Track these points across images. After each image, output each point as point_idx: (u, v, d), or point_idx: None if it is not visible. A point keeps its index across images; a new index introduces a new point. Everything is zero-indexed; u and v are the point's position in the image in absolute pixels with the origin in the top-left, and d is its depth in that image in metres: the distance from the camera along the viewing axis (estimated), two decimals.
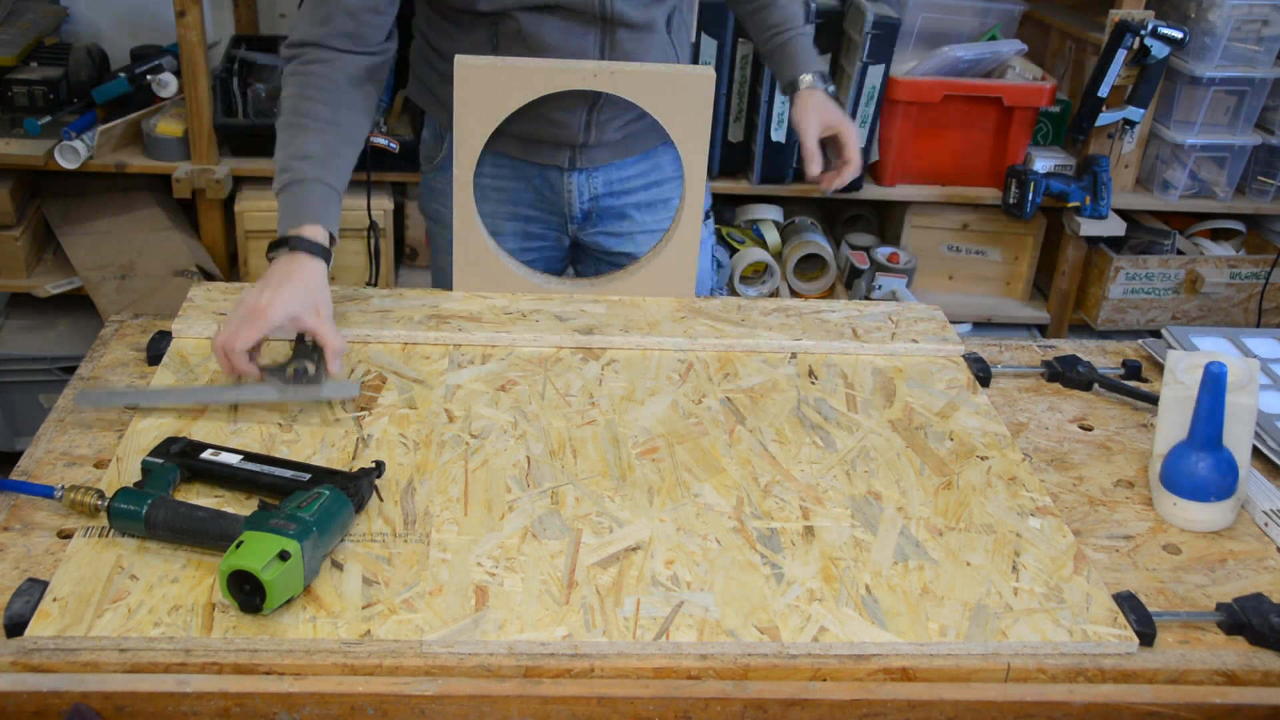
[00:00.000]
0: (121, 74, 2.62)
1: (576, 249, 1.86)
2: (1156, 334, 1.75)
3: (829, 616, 1.12)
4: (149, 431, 1.32)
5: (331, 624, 1.08)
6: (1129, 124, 2.68)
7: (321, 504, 1.14)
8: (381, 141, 2.45)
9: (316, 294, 1.39)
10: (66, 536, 1.18)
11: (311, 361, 1.37)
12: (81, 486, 1.19)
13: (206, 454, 1.25)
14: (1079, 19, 2.88)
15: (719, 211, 2.97)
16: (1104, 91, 2.63)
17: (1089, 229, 2.75)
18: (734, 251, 2.84)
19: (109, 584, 1.10)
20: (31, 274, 2.65)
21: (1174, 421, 1.33)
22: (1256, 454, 1.43)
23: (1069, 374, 1.58)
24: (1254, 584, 1.23)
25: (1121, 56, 2.59)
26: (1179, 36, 2.57)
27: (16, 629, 1.05)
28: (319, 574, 1.12)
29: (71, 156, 2.48)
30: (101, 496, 1.17)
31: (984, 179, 2.82)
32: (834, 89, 1.76)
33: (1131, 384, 1.58)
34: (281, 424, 1.35)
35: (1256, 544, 1.30)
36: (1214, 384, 1.26)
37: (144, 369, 1.47)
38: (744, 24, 1.84)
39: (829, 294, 2.89)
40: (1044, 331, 2.96)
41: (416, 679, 1.04)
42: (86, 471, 1.28)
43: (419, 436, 1.35)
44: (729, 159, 2.71)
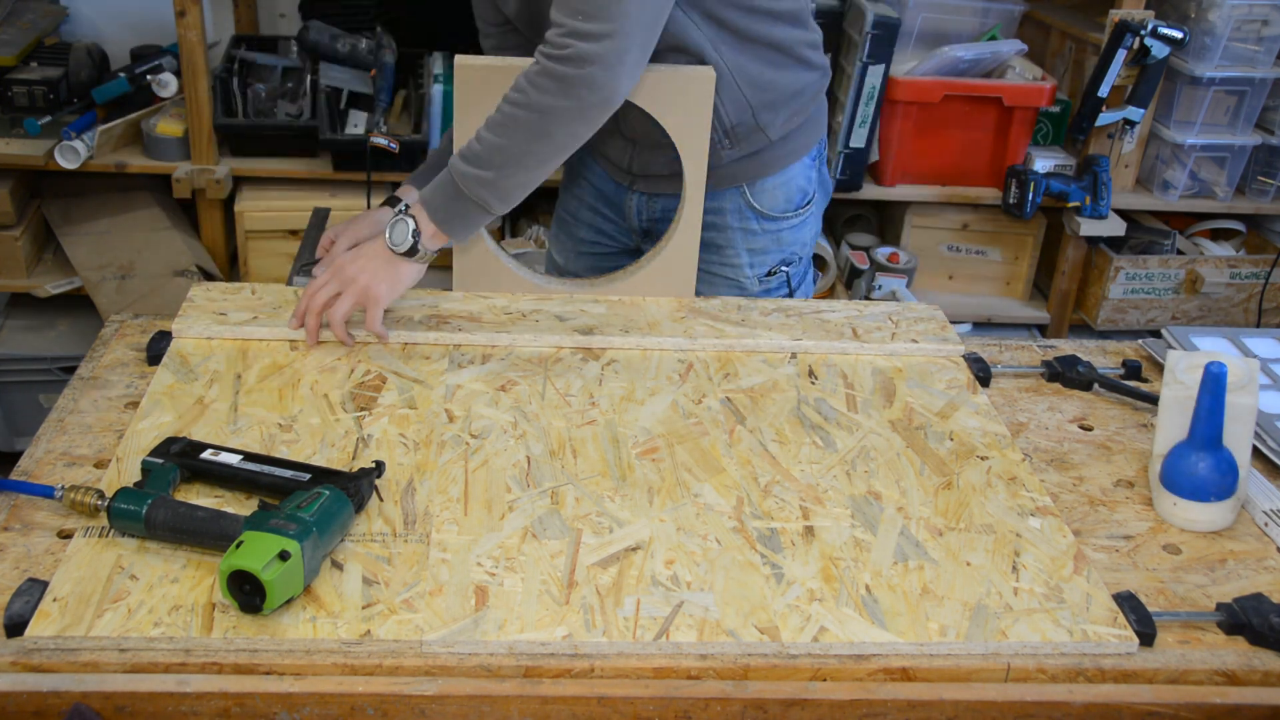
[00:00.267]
0: (121, 74, 2.62)
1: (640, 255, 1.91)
2: (1156, 334, 1.74)
3: (829, 616, 1.12)
4: (149, 431, 1.32)
5: (331, 624, 1.08)
6: (1129, 124, 2.68)
7: (321, 504, 1.14)
8: (381, 142, 2.45)
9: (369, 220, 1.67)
10: (66, 536, 1.18)
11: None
12: (81, 486, 1.19)
13: (206, 454, 1.25)
14: (1079, 19, 2.88)
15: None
16: (1104, 91, 2.63)
17: (1089, 229, 2.75)
18: None
19: (109, 584, 1.10)
20: (31, 274, 2.65)
21: (1174, 421, 1.33)
22: (1256, 454, 1.43)
23: (1069, 374, 1.58)
24: (1254, 584, 1.23)
25: (1121, 56, 2.58)
26: (1179, 36, 2.57)
27: (16, 629, 1.05)
28: (319, 574, 1.13)
29: (71, 156, 2.48)
30: (101, 496, 1.17)
31: (984, 179, 2.82)
32: (402, 247, 1.49)
33: (1131, 384, 1.58)
34: (281, 424, 1.36)
35: (1256, 544, 1.30)
36: (1214, 384, 1.26)
37: (144, 369, 1.47)
38: None
39: (829, 294, 2.89)
40: (1044, 331, 2.96)
41: (416, 679, 1.05)
42: (86, 471, 1.28)
43: (419, 436, 1.35)
44: None
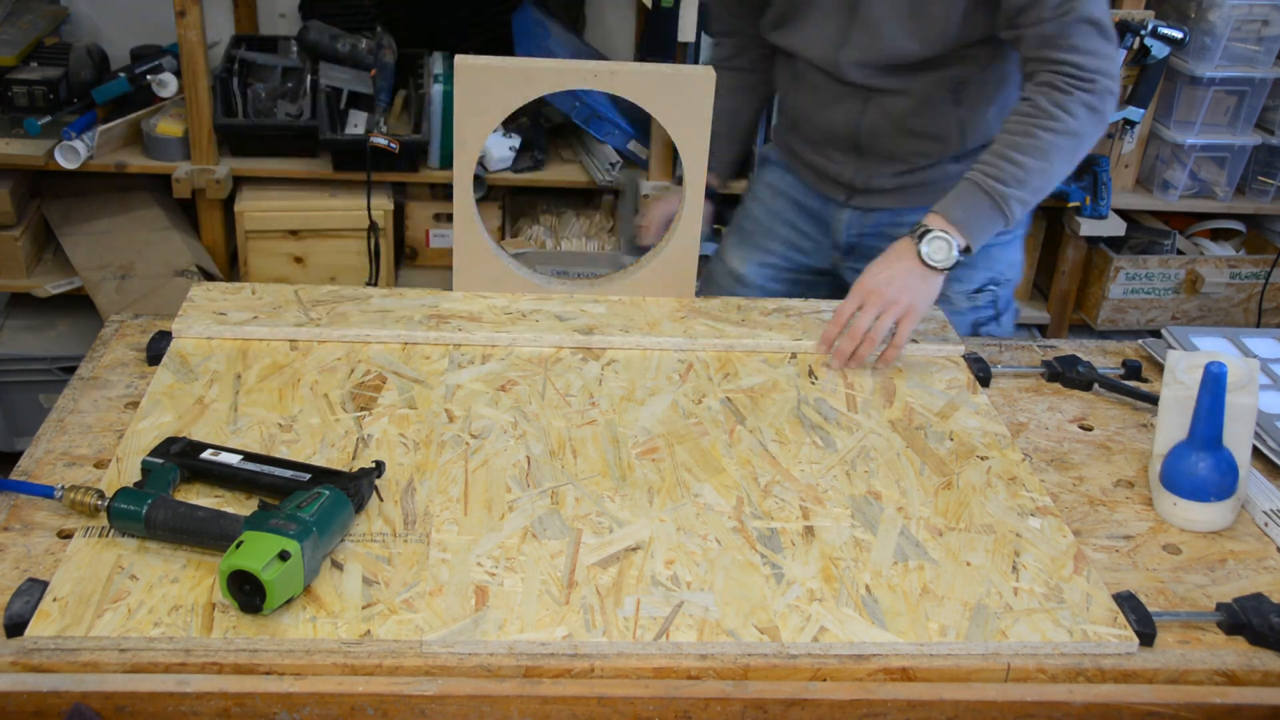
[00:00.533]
0: (121, 74, 2.62)
1: (835, 275, 1.92)
2: (1156, 334, 1.74)
3: (829, 616, 1.12)
4: (149, 431, 1.32)
5: (331, 624, 1.08)
6: (1129, 124, 2.68)
7: (321, 504, 1.14)
8: (381, 141, 2.45)
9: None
10: (66, 536, 1.18)
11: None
12: (81, 486, 1.19)
13: (206, 454, 1.25)
14: None
15: (719, 212, 2.96)
16: None
17: (1089, 229, 2.75)
18: None
19: (109, 584, 1.10)
20: (31, 274, 2.65)
21: (1174, 421, 1.33)
22: (1256, 454, 1.42)
23: (1069, 374, 1.58)
24: (1254, 584, 1.23)
25: (1121, 56, 2.58)
26: (1179, 36, 2.56)
27: (16, 629, 1.05)
28: (319, 574, 1.13)
29: (71, 156, 2.48)
30: (101, 496, 1.17)
31: None
32: (930, 255, 1.52)
33: (1131, 384, 1.58)
34: (281, 424, 1.36)
35: (1256, 544, 1.30)
36: (1214, 384, 1.26)
37: (144, 369, 1.47)
38: None
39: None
40: (1044, 331, 2.96)
41: (416, 679, 1.04)
42: (86, 471, 1.28)
43: (419, 436, 1.35)
44: None
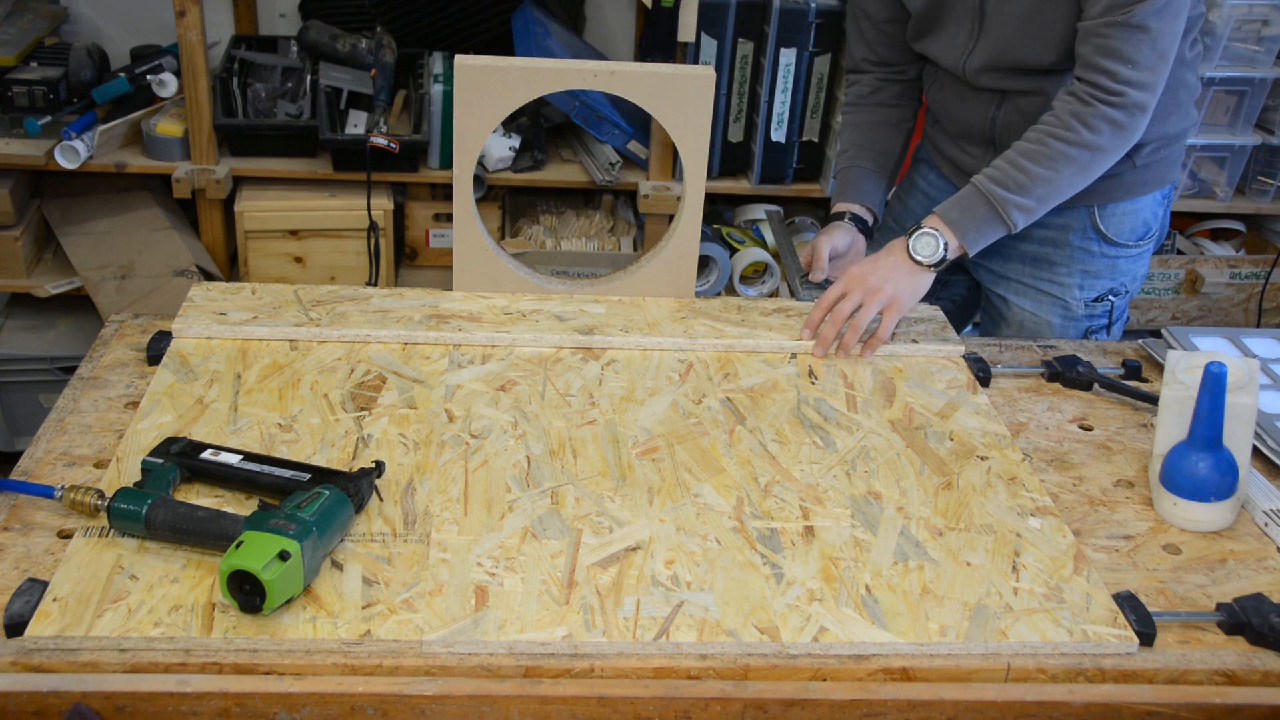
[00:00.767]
0: (121, 74, 2.61)
1: (966, 273, 1.94)
2: (1156, 334, 1.74)
3: (829, 616, 1.12)
4: (149, 431, 1.32)
5: (331, 624, 1.08)
6: None
7: (321, 504, 1.14)
8: (381, 141, 2.45)
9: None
10: (66, 536, 1.18)
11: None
12: (81, 486, 1.19)
13: (206, 454, 1.25)
14: None
15: (719, 212, 2.97)
16: None
17: None
18: (734, 251, 2.84)
19: (109, 584, 1.10)
20: (31, 274, 2.65)
21: (1174, 421, 1.33)
22: (1256, 454, 1.42)
23: (1069, 374, 1.58)
24: (1254, 584, 1.23)
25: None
26: None
27: (16, 629, 1.05)
28: (319, 574, 1.13)
29: (71, 156, 2.48)
30: (101, 496, 1.17)
31: None
32: (922, 255, 1.57)
33: (1131, 384, 1.58)
34: (281, 424, 1.36)
35: (1256, 544, 1.30)
36: (1214, 384, 1.26)
37: (144, 369, 1.47)
38: None
39: None
40: None
41: (416, 679, 1.04)
42: (86, 471, 1.28)
43: (419, 436, 1.35)
44: (729, 159, 2.70)
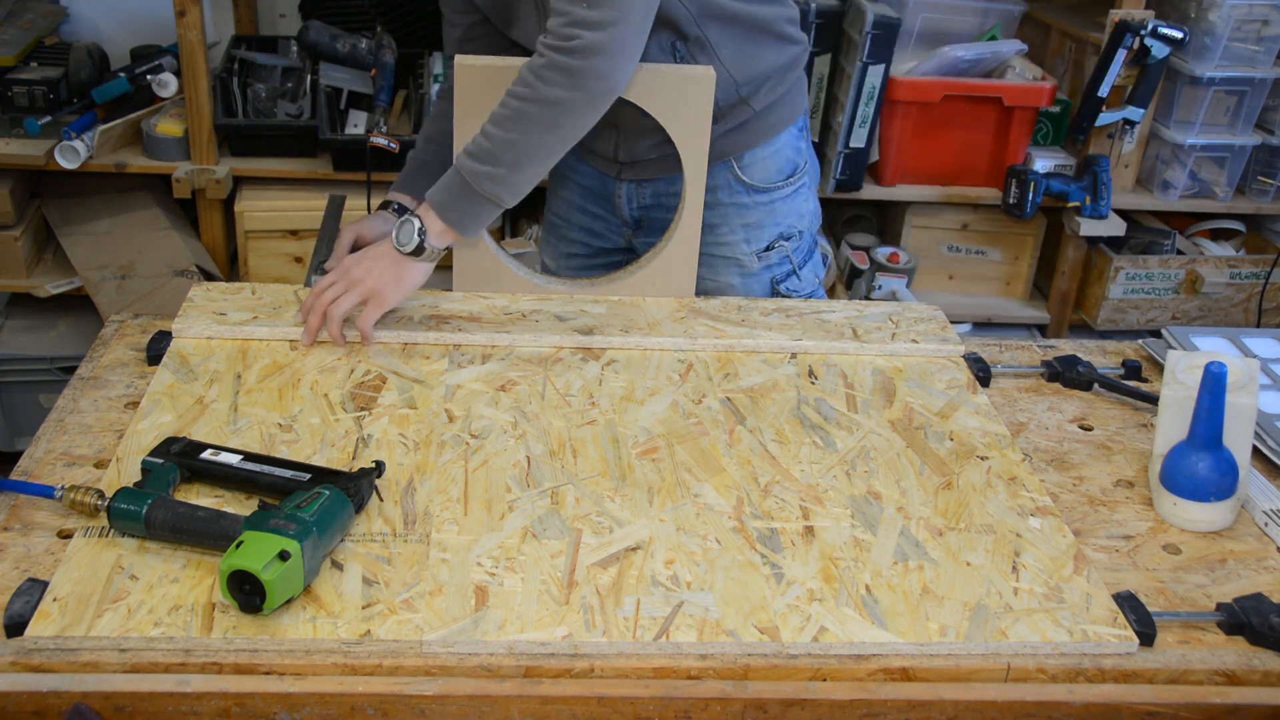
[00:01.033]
0: (121, 74, 2.62)
1: (633, 252, 1.90)
2: (1156, 334, 1.74)
3: (829, 616, 1.12)
4: (149, 431, 1.32)
5: (331, 624, 1.08)
6: (1129, 124, 2.68)
7: (321, 504, 1.14)
8: (381, 142, 2.44)
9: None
10: (66, 536, 1.18)
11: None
12: (81, 486, 1.19)
13: (206, 454, 1.25)
14: (1079, 19, 2.88)
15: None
16: (1104, 91, 2.63)
17: (1089, 229, 2.75)
18: None
19: (109, 584, 1.10)
20: (31, 274, 2.65)
21: (1174, 421, 1.33)
22: (1256, 454, 1.42)
23: (1069, 374, 1.58)
24: (1254, 584, 1.23)
25: (1121, 56, 2.58)
26: (1179, 36, 2.57)
27: (16, 629, 1.05)
28: (319, 574, 1.13)
29: (71, 156, 2.48)
30: (101, 496, 1.17)
31: (984, 179, 2.82)
32: (408, 247, 1.52)
33: (1131, 384, 1.58)
34: (281, 424, 1.36)
35: (1256, 544, 1.30)
36: (1214, 384, 1.26)
37: (144, 369, 1.47)
38: None
39: (829, 294, 2.89)
40: (1044, 331, 2.96)
41: (416, 679, 1.04)
42: (86, 471, 1.28)
43: (419, 436, 1.35)
44: None
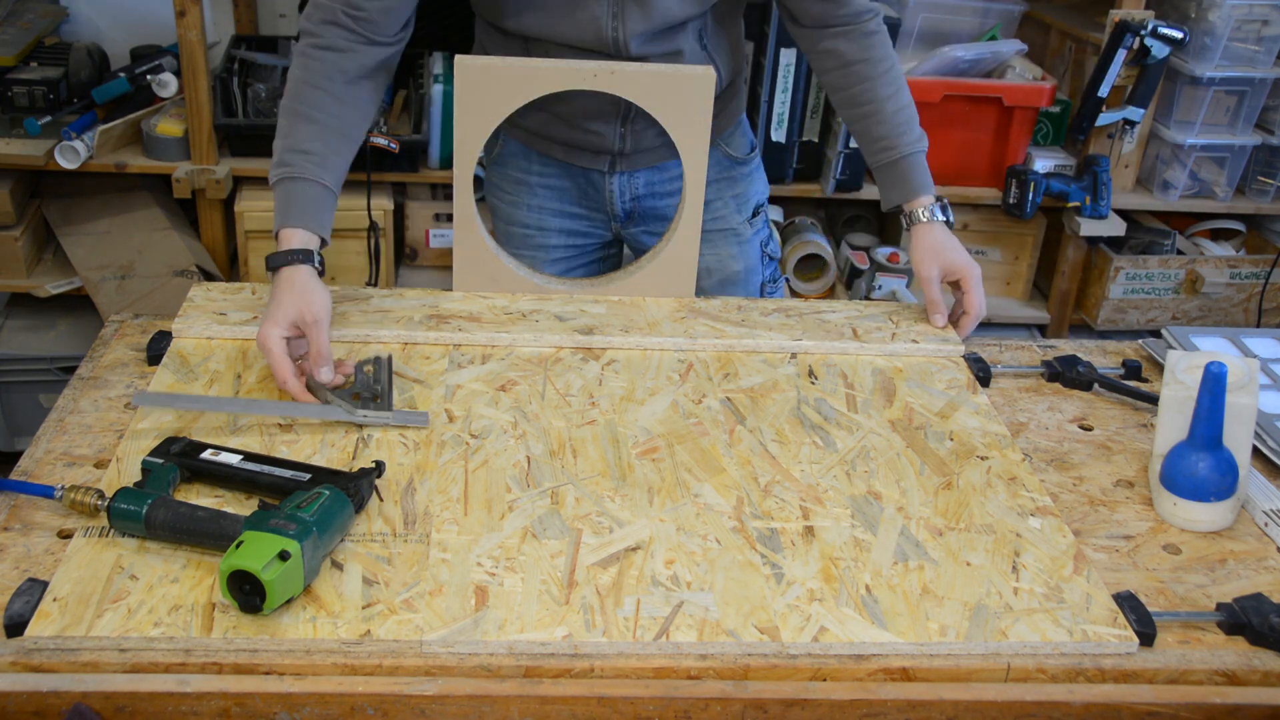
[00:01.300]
0: (121, 74, 2.62)
1: (621, 244, 1.91)
2: (1156, 334, 1.74)
3: (829, 616, 1.12)
4: (149, 431, 1.32)
5: (331, 624, 1.08)
6: (1129, 124, 2.68)
7: (321, 504, 1.14)
8: (381, 142, 2.45)
9: (307, 301, 1.40)
10: (66, 536, 1.18)
11: (379, 384, 1.39)
12: (81, 486, 1.19)
13: (206, 454, 1.25)
14: (1079, 19, 2.88)
15: None
16: (1104, 91, 2.63)
17: (1089, 229, 2.75)
18: None
19: (109, 584, 1.10)
20: (31, 274, 2.65)
21: (1174, 421, 1.33)
22: (1256, 454, 1.43)
23: (1069, 374, 1.58)
24: (1254, 584, 1.23)
25: (1121, 56, 2.59)
26: (1179, 36, 2.57)
27: (16, 629, 1.05)
28: (319, 574, 1.13)
29: (71, 156, 2.48)
30: (101, 496, 1.17)
31: (984, 179, 2.82)
32: (952, 218, 1.65)
33: (1131, 384, 1.58)
34: (281, 424, 1.35)
35: (1256, 544, 1.30)
36: (1214, 384, 1.26)
37: (144, 369, 1.47)
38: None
39: (829, 294, 2.89)
40: (1044, 331, 2.96)
41: (416, 679, 1.04)
42: (86, 471, 1.28)
43: (419, 436, 1.35)
44: None
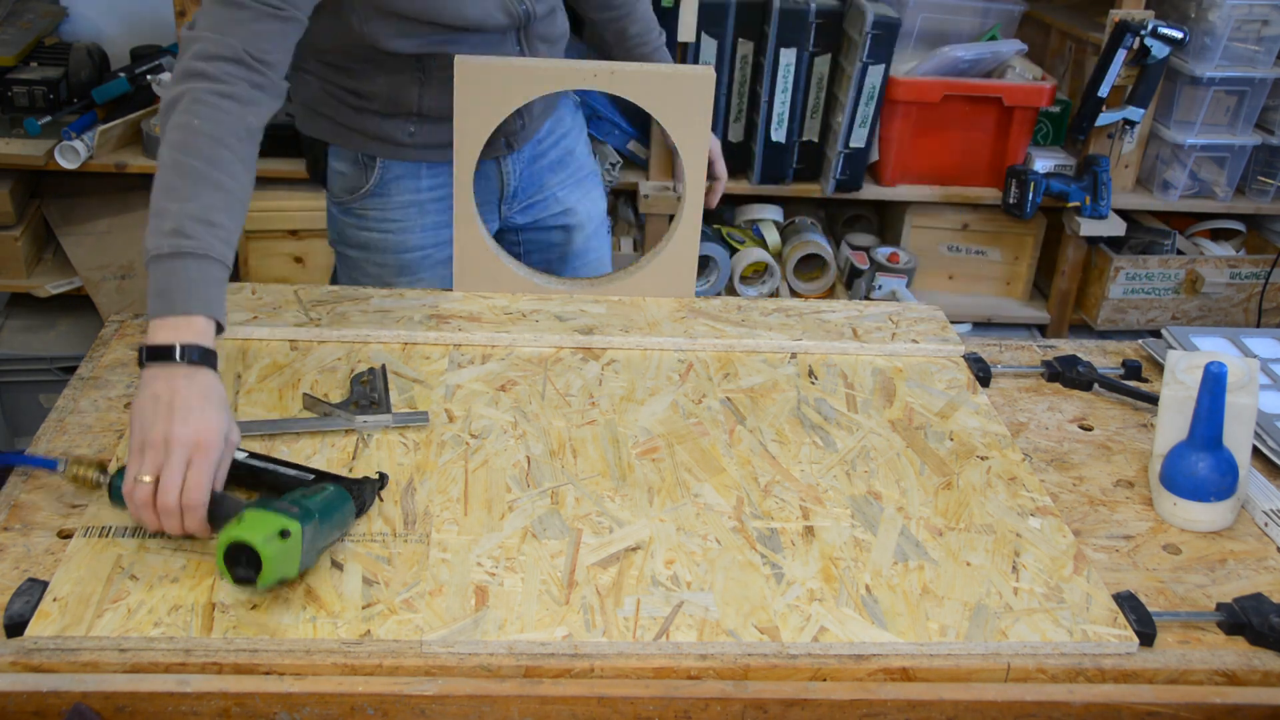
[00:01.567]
0: (121, 74, 2.62)
1: (503, 230, 1.86)
2: (1156, 334, 1.74)
3: (829, 616, 1.12)
4: None
5: (331, 624, 1.08)
6: (1129, 124, 2.68)
7: (325, 496, 1.14)
8: None
9: (206, 425, 1.14)
10: (66, 536, 1.18)
11: (375, 392, 1.39)
12: (85, 460, 1.19)
13: None
14: (1079, 19, 2.88)
15: (718, 212, 2.97)
16: (1104, 91, 2.63)
17: (1089, 229, 2.75)
18: (734, 251, 2.85)
19: (109, 584, 1.10)
20: (31, 274, 2.65)
21: (1174, 421, 1.33)
22: (1256, 454, 1.43)
23: (1069, 374, 1.58)
24: (1254, 584, 1.23)
25: (1121, 56, 2.59)
26: (1179, 36, 2.57)
27: (16, 629, 1.05)
28: (319, 574, 1.12)
29: (71, 156, 2.48)
30: (104, 471, 1.18)
31: (984, 179, 2.82)
32: None
33: (1131, 384, 1.58)
34: None
35: (1256, 544, 1.30)
36: (1214, 384, 1.26)
37: None
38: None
39: (829, 294, 2.89)
40: (1044, 331, 2.96)
41: (416, 679, 1.05)
42: None
43: (419, 436, 1.35)
44: (729, 159, 2.67)
